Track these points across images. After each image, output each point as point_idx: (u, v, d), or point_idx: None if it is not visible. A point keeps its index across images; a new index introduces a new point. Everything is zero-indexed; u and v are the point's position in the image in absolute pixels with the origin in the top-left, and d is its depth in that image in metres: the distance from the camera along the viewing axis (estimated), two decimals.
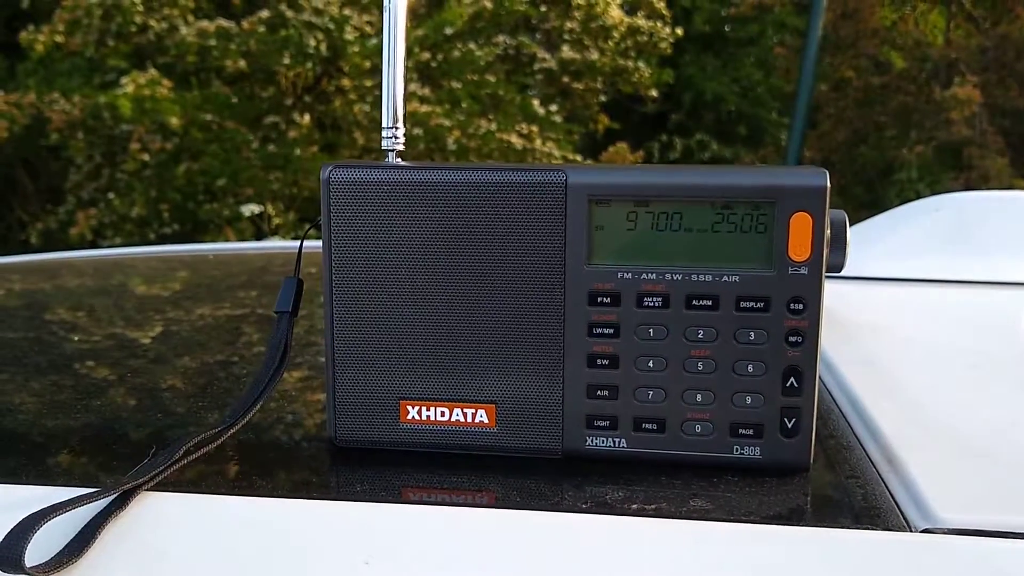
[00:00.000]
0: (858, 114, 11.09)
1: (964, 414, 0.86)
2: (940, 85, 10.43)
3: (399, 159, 0.78)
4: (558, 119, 9.62)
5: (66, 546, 0.61)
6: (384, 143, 0.78)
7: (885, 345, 1.15)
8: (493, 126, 8.94)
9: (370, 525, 0.66)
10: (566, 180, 0.72)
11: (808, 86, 8.58)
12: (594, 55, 9.80)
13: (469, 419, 0.76)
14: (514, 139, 8.89)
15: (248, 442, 0.80)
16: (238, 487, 0.71)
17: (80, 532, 0.63)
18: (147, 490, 0.67)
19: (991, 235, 1.55)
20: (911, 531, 0.64)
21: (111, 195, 8.47)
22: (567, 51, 9.70)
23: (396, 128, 0.78)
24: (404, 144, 0.79)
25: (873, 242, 1.56)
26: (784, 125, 12.14)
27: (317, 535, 0.64)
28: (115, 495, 0.65)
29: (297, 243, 0.84)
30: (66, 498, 0.63)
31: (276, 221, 8.35)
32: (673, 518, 0.66)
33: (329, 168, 0.74)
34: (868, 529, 0.64)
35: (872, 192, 10.09)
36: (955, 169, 10.01)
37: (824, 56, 10.67)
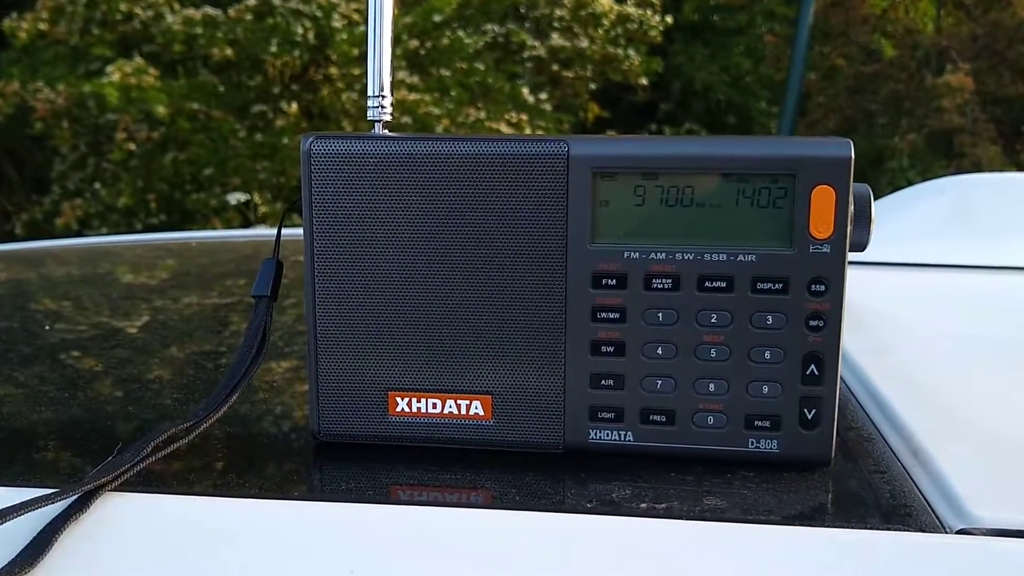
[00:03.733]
0: (849, 102, 11.06)
1: (989, 403, 0.81)
2: (931, 73, 10.40)
3: (386, 130, 0.72)
4: (548, 107, 9.56)
5: (19, 554, 0.56)
6: (370, 113, 0.72)
7: (896, 332, 1.10)
8: (482, 114, 8.88)
9: (356, 528, 0.60)
10: (568, 151, 0.66)
11: (798, 74, 8.55)
12: (584, 43, 9.74)
13: (463, 411, 0.70)
14: (503, 128, 8.83)
15: (223, 437, 0.75)
16: (212, 487, 0.65)
17: (35, 538, 0.57)
18: (111, 491, 0.62)
19: (998, 218, 1.50)
20: (946, 532, 0.59)
21: (97, 185, 8.40)
22: (557, 39, 9.63)
23: (383, 97, 0.72)
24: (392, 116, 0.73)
25: (877, 226, 1.51)
26: (773, 114, 12.13)
27: (298, 539, 0.59)
28: (75, 497, 0.59)
29: (285, 229, 0.78)
30: (20, 500, 0.57)
31: (263, 210, 8.28)
32: (685, 518, 0.61)
33: (310, 139, 0.69)
34: (899, 530, 0.59)
35: (863, 180, 10.04)
36: (946, 157, 9.98)
37: (814, 44, 10.64)
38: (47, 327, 1.16)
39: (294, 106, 8.81)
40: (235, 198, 8.14)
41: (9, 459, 0.72)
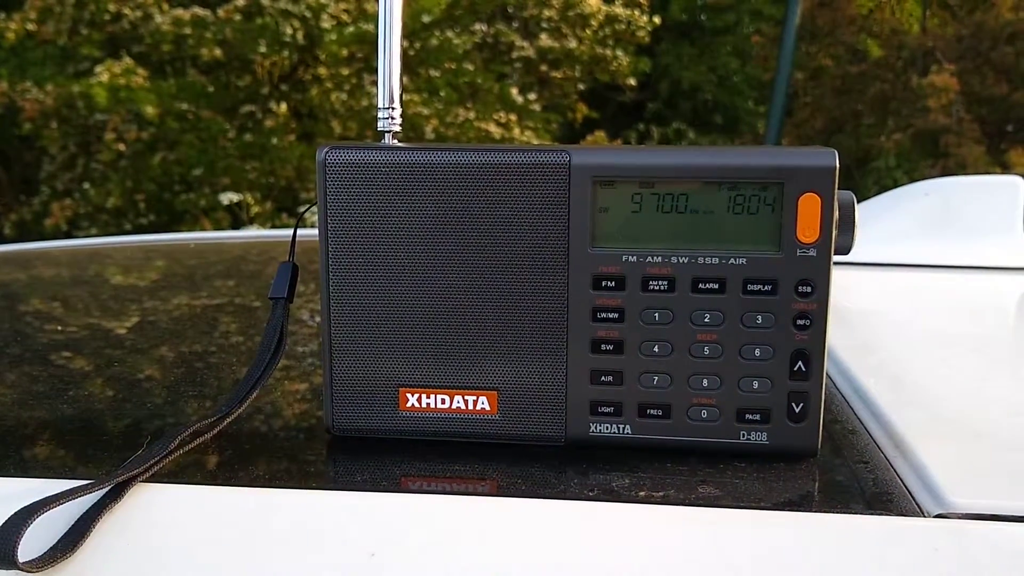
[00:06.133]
0: (835, 102, 11.13)
1: (967, 398, 0.86)
2: (917, 73, 10.48)
3: (395, 140, 0.76)
4: (536, 108, 9.60)
5: (59, 540, 0.59)
6: (380, 124, 0.76)
7: (880, 330, 1.15)
8: (471, 115, 8.91)
9: (373, 515, 0.64)
10: (570, 161, 0.70)
11: (785, 74, 8.60)
12: (572, 43, 9.78)
13: (470, 406, 0.74)
14: (492, 128, 8.86)
15: (243, 431, 0.78)
16: (235, 478, 0.69)
17: (74, 526, 0.61)
18: (142, 481, 0.65)
19: (979, 220, 1.54)
20: (924, 516, 0.63)
21: (86, 185, 8.40)
22: (545, 39, 9.66)
23: (392, 108, 0.76)
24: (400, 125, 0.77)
25: (862, 227, 1.55)
26: (760, 114, 12.19)
27: (320, 526, 0.63)
28: (109, 487, 0.63)
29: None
30: (59, 491, 0.61)
31: (255, 210, 8.29)
32: (681, 505, 0.65)
33: (325, 149, 0.72)
34: (882, 515, 0.63)
35: (850, 180, 10.12)
36: (932, 157, 10.05)
37: (801, 44, 10.70)
38: (55, 328, 1.20)
39: (283, 106, 8.82)
40: (227, 198, 8.15)
41: (30, 453, 0.76)
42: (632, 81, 10.64)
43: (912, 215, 1.58)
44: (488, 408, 0.74)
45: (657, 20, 10.40)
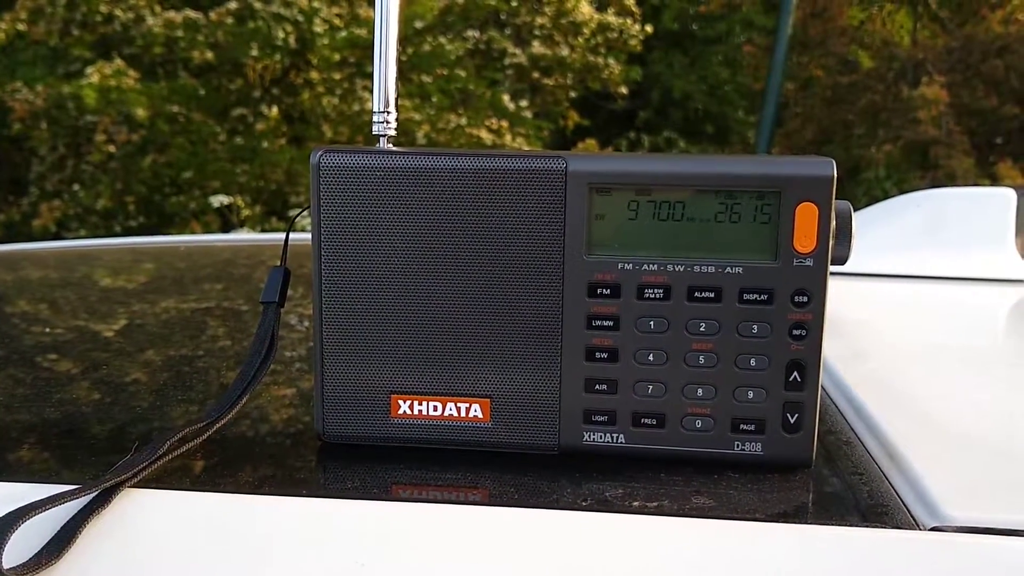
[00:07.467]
0: (826, 113, 11.17)
1: (960, 409, 0.85)
2: (907, 85, 10.53)
3: (390, 144, 0.76)
4: (528, 114, 9.61)
5: (45, 546, 0.58)
6: (375, 128, 0.75)
7: (872, 340, 1.14)
8: (463, 121, 8.92)
9: (362, 524, 0.63)
10: (566, 167, 0.70)
11: (776, 84, 8.63)
12: (564, 51, 9.80)
13: (463, 414, 0.73)
14: (484, 134, 8.87)
15: (233, 437, 0.77)
16: (223, 484, 0.68)
17: (60, 531, 0.60)
18: (129, 487, 0.65)
19: (971, 231, 1.55)
20: (920, 529, 0.62)
21: (76, 187, 8.37)
22: (537, 47, 9.68)
23: (388, 112, 0.75)
24: (396, 130, 0.76)
25: (855, 238, 1.55)
26: (751, 123, 12.22)
27: (309, 534, 0.62)
28: (96, 492, 0.62)
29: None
30: (45, 496, 0.60)
31: (245, 213, 8.27)
32: (675, 515, 0.64)
33: (320, 152, 0.72)
34: (876, 527, 0.62)
35: (840, 190, 10.13)
36: (922, 168, 10.10)
37: (792, 55, 10.75)
38: (47, 330, 1.19)
39: (274, 110, 8.82)
40: (218, 200, 8.13)
41: (14, 457, 0.75)
42: (623, 89, 10.66)
43: (904, 226, 1.58)
44: (481, 416, 0.73)
45: (649, 29, 10.43)
